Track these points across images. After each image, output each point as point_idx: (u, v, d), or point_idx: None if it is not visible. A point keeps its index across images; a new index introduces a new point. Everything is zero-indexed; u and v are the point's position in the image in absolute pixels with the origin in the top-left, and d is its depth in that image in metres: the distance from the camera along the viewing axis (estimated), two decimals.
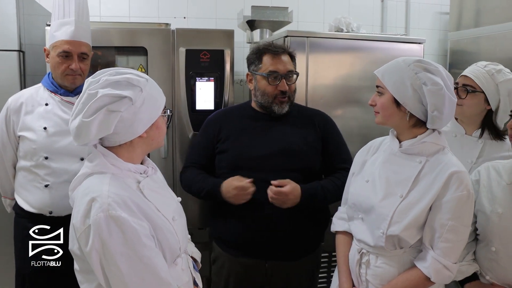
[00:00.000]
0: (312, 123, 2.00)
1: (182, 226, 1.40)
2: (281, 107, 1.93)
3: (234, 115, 2.04)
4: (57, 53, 1.85)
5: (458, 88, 1.85)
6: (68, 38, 1.84)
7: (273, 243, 1.87)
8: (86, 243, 1.15)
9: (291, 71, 1.93)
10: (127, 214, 1.17)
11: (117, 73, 1.26)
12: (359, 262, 1.59)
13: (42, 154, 1.83)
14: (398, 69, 1.48)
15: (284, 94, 1.92)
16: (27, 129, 1.85)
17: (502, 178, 1.59)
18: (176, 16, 3.09)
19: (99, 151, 1.27)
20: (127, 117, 1.22)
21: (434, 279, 1.44)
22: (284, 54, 1.93)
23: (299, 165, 1.88)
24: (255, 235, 1.87)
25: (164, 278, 1.20)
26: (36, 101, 1.88)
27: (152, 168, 1.38)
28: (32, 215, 1.86)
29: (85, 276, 1.27)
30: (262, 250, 1.88)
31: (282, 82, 1.90)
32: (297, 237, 1.90)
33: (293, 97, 1.97)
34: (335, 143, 2.00)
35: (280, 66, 1.91)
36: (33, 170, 1.85)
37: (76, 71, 1.86)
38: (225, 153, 1.94)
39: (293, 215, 1.85)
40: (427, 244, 1.47)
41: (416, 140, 1.50)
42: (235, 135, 1.95)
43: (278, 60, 1.91)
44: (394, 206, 1.48)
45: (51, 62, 1.89)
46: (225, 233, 1.97)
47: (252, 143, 1.91)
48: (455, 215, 1.42)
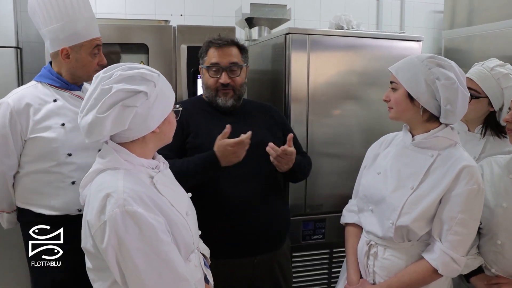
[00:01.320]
0: (270, 115, 2.02)
1: (194, 221, 1.40)
2: (225, 99, 1.90)
3: (196, 109, 1.97)
4: (89, 52, 1.78)
5: None
6: (97, 36, 1.80)
7: (259, 236, 1.84)
8: (102, 239, 1.14)
9: (234, 63, 1.88)
10: (143, 209, 1.15)
11: (130, 68, 1.25)
12: (367, 253, 1.61)
13: (65, 151, 1.75)
14: (412, 65, 1.51)
15: (225, 87, 1.88)
16: (43, 129, 1.74)
17: (505, 172, 1.62)
18: (173, 13, 3.07)
19: (111, 147, 1.26)
20: (141, 112, 1.21)
21: (441, 271, 1.46)
22: (229, 46, 1.89)
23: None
24: (242, 233, 1.81)
25: (181, 274, 1.19)
26: (41, 99, 1.77)
27: (163, 164, 1.38)
28: (55, 218, 1.75)
29: (99, 274, 1.25)
30: (250, 246, 1.84)
31: (223, 74, 1.87)
32: (277, 223, 1.90)
33: (239, 91, 1.92)
34: (290, 131, 1.96)
35: (222, 59, 1.87)
36: (53, 170, 1.75)
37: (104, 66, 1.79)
38: (199, 149, 1.84)
39: (268, 201, 1.86)
40: (436, 237, 1.49)
41: (429, 134, 1.53)
42: (205, 131, 1.88)
43: (220, 52, 1.88)
44: (404, 197, 1.50)
45: (79, 62, 1.79)
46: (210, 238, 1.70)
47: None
48: (465, 208, 1.44)
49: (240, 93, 1.93)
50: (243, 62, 1.92)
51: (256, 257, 1.87)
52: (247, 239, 1.83)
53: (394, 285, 1.52)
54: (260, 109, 2.04)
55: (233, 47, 1.91)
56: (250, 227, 1.82)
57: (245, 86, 1.97)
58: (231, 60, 1.88)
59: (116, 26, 2.31)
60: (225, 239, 1.81)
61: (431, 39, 3.68)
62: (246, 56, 1.96)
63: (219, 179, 1.81)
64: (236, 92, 1.91)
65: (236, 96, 1.92)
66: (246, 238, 1.83)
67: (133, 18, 2.91)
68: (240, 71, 1.90)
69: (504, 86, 1.82)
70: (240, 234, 1.82)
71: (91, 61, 1.79)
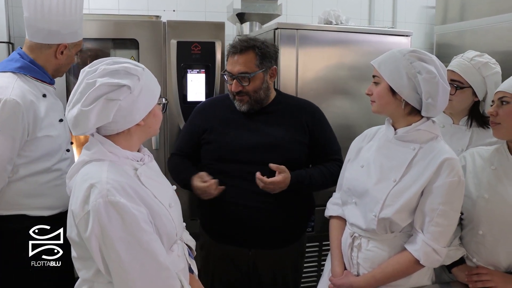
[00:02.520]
0: (299, 117, 1.97)
1: (178, 213, 1.42)
2: (240, 104, 1.92)
3: (220, 106, 2.03)
4: (76, 51, 1.83)
5: None
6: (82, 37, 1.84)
7: (257, 232, 1.90)
8: (86, 228, 1.17)
9: (242, 73, 1.86)
10: (125, 200, 1.18)
11: (114, 62, 1.27)
12: (351, 245, 1.63)
13: (65, 147, 1.75)
14: (394, 59, 1.52)
15: (239, 93, 1.90)
16: (47, 127, 1.69)
17: (487, 163, 1.64)
18: (165, 9, 3.09)
19: (96, 139, 1.28)
20: (125, 105, 1.23)
21: (423, 262, 1.49)
22: (242, 54, 1.86)
23: (281, 158, 1.87)
24: (239, 224, 1.89)
25: (163, 263, 1.21)
26: (35, 95, 1.68)
27: (148, 156, 1.40)
28: (55, 217, 1.73)
29: (83, 263, 1.28)
30: (246, 238, 1.92)
31: (234, 83, 1.89)
32: (280, 226, 1.92)
33: (254, 96, 1.90)
34: (324, 135, 2.00)
35: (233, 67, 1.88)
36: (55, 167, 1.72)
37: None
38: (210, 144, 1.95)
39: (277, 205, 1.88)
40: (418, 228, 1.51)
41: (411, 128, 1.55)
42: (220, 127, 1.95)
43: (232, 60, 1.89)
44: (387, 190, 1.52)
45: (69, 59, 1.80)
46: (210, 221, 2.01)
47: (236, 136, 1.92)
48: (446, 200, 1.47)
49: (257, 98, 1.91)
50: (257, 68, 1.87)
51: (250, 250, 1.94)
52: (240, 230, 1.90)
53: (378, 276, 1.55)
54: (293, 109, 2.00)
55: (248, 53, 1.87)
56: (246, 219, 1.88)
57: (262, 91, 1.91)
58: (240, 70, 1.86)
59: (107, 22, 2.32)
60: (224, 228, 1.94)
61: (423, 34, 3.70)
62: (266, 60, 1.89)
63: (228, 174, 1.88)
64: (251, 97, 1.91)
65: (252, 101, 1.91)
66: (240, 229, 1.90)
67: (126, 13, 2.93)
68: (250, 80, 1.87)
69: (485, 74, 1.86)
70: (235, 222, 1.89)
71: (73, 60, 1.84)
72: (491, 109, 1.60)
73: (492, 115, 1.60)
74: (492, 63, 1.89)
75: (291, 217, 1.95)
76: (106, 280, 1.24)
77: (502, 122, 1.57)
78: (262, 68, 1.89)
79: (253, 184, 1.83)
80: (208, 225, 2.04)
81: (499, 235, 1.57)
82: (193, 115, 2.08)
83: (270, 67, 1.92)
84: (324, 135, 2.01)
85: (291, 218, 1.96)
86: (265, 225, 1.89)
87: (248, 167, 1.85)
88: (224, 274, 2.01)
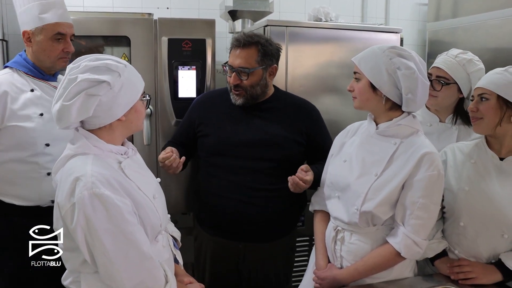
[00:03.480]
0: (296, 116, 2.00)
1: (162, 204, 1.47)
2: (235, 98, 1.96)
3: (219, 99, 2.07)
4: (50, 36, 1.78)
5: (432, 80, 1.93)
6: (62, 20, 1.79)
7: (247, 226, 1.94)
8: (71, 220, 1.21)
9: (242, 67, 1.89)
10: (110, 192, 1.22)
11: (97, 59, 1.31)
12: (334, 239, 1.67)
13: (43, 141, 1.77)
14: (374, 56, 1.56)
15: (236, 87, 1.93)
16: (21, 118, 1.76)
17: (467, 158, 1.68)
18: (159, 7, 3.12)
19: (81, 134, 1.32)
20: (105, 101, 1.27)
21: (404, 254, 1.52)
22: (245, 48, 1.89)
23: (277, 155, 1.92)
24: (230, 217, 1.94)
25: (146, 252, 1.26)
26: (18, 88, 1.78)
27: (132, 150, 1.44)
28: (25, 209, 1.80)
29: (69, 254, 1.33)
30: (237, 232, 1.96)
31: (233, 75, 1.92)
32: (271, 220, 1.96)
33: (251, 91, 1.93)
34: (321, 135, 2.04)
35: (233, 60, 1.91)
36: (29, 160, 1.77)
37: (70, 53, 1.83)
38: (207, 137, 1.99)
39: (268, 200, 1.92)
40: (399, 221, 1.55)
41: (392, 123, 1.58)
42: (217, 121, 2.00)
43: (234, 53, 1.92)
44: (369, 184, 1.56)
45: (39, 46, 1.79)
46: (203, 214, 2.07)
47: (233, 131, 1.95)
48: (426, 193, 1.50)
49: (253, 93, 1.94)
50: (257, 65, 1.90)
51: (241, 243, 1.98)
52: (231, 223, 1.95)
53: (360, 268, 1.58)
54: (291, 107, 2.02)
55: (250, 48, 1.90)
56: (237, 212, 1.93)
57: (259, 87, 1.94)
58: (240, 64, 1.89)
59: (99, 19, 2.35)
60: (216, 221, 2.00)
61: (416, 31, 3.73)
62: (268, 58, 1.92)
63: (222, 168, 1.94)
64: (247, 92, 1.93)
65: (248, 95, 1.94)
66: (231, 222, 1.95)
67: (120, 11, 2.95)
68: (249, 75, 1.90)
69: (469, 71, 1.90)
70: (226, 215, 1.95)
71: (52, 45, 1.79)
72: (471, 106, 1.64)
73: (472, 111, 1.63)
74: (476, 60, 1.93)
75: (281, 212, 1.99)
76: (92, 270, 1.28)
77: (483, 117, 1.60)
78: (262, 65, 1.92)
79: (246, 179, 1.88)
80: (201, 218, 2.09)
81: (479, 227, 1.61)
82: (191, 106, 2.13)
83: (271, 65, 1.95)
84: (320, 135, 2.04)
85: (281, 213, 1.99)
86: (256, 219, 1.93)
87: (242, 162, 1.89)
88: (216, 266, 2.06)
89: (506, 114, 1.57)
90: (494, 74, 1.62)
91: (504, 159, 1.61)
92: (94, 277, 1.29)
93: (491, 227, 1.59)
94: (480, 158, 1.65)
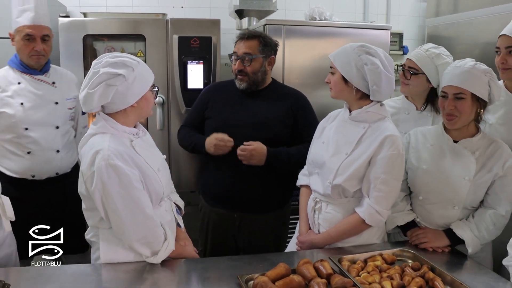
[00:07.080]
0: (286, 101, 2.30)
1: (166, 176, 1.77)
2: (239, 83, 2.27)
3: (224, 88, 2.39)
4: (21, 37, 2.13)
5: (404, 70, 2.18)
6: (30, 23, 2.13)
7: (242, 196, 2.25)
8: (91, 184, 1.53)
9: (247, 53, 2.21)
10: (122, 163, 1.52)
11: (116, 56, 1.61)
12: (313, 208, 1.93)
13: (22, 126, 2.16)
14: (345, 53, 1.81)
15: (240, 73, 2.24)
16: (6, 105, 2.15)
17: (427, 140, 1.93)
18: (174, 6, 3.41)
19: (101, 117, 1.63)
20: (121, 90, 1.57)
21: (368, 221, 1.78)
22: (249, 40, 2.22)
23: (268, 135, 2.21)
24: (227, 188, 2.26)
25: (148, 214, 1.57)
26: (8, 81, 2.16)
27: (142, 131, 1.74)
28: (14, 179, 2.18)
29: (90, 213, 1.64)
30: (232, 201, 2.27)
31: (238, 62, 2.23)
32: (264, 194, 2.27)
33: (253, 77, 2.24)
34: (305, 119, 2.31)
35: (238, 49, 2.24)
36: (15, 140, 2.18)
37: (40, 52, 2.16)
38: (210, 119, 2.32)
39: (263, 175, 2.22)
40: (365, 193, 1.81)
41: (362, 110, 1.83)
42: (220, 106, 2.31)
43: (239, 43, 2.25)
44: (340, 161, 1.81)
45: (17, 45, 2.16)
46: (205, 185, 2.40)
47: (231, 114, 2.27)
48: (387, 170, 1.75)
49: (254, 79, 2.25)
50: (259, 53, 2.22)
51: (236, 213, 2.29)
52: (228, 193, 2.27)
53: (333, 234, 1.85)
54: (283, 95, 2.33)
55: (254, 40, 2.23)
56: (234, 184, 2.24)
57: (260, 74, 2.24)
58: (245, 51, 2.21)
59: (119, 20, 2.68)
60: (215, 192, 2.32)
61: (416, 27, 3.91)
62: (267, 49, 2.24)
63: None
64: (250, 78, 2.25)
65: (251, 81, 2.26)
66: (227, 192, 2.27)
67: (139, 11, 3.27)
68: (252, 61, 2.21)
69: (437, 63, 2.13)
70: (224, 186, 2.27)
71: (24, 45, 2.15)
72: (449, 105, 1.79)
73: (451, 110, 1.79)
74: (445, 55, 2.16)
75: (271, 187, 2.29)
76: (108, 226, 1.60)
77: (459, 115, 1.79)
78: (263, 54, 2.24)
79: None
80: (204, 190, 2.43)
81: (434, 199, 1.87)
82: (201, 94, 2.45)
83: (270, 55, 2.27)
84: (305, 119, 2.31)
85: (271, 188, 2.29)
86: (248, 191, 2.24)
87: (238, 142, 2.18)
88: (216, 234, 2.37)
89: (478, 110, 1.79)
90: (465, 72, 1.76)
91: (458, 142, 1.84)
92: (109, 231, 1.61)
93: (444, 200, 1.84)
94: (438, 141, 1.89)
